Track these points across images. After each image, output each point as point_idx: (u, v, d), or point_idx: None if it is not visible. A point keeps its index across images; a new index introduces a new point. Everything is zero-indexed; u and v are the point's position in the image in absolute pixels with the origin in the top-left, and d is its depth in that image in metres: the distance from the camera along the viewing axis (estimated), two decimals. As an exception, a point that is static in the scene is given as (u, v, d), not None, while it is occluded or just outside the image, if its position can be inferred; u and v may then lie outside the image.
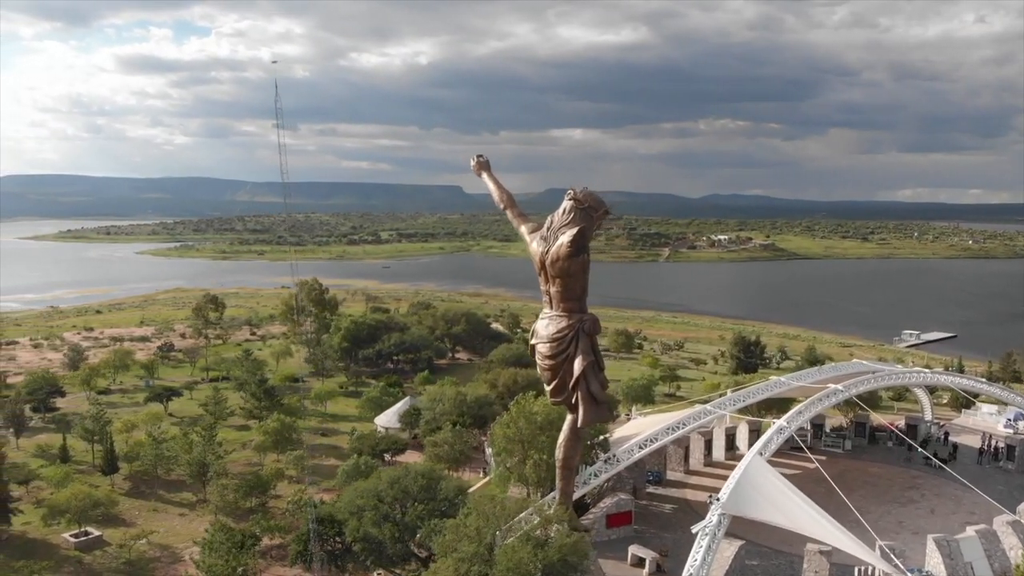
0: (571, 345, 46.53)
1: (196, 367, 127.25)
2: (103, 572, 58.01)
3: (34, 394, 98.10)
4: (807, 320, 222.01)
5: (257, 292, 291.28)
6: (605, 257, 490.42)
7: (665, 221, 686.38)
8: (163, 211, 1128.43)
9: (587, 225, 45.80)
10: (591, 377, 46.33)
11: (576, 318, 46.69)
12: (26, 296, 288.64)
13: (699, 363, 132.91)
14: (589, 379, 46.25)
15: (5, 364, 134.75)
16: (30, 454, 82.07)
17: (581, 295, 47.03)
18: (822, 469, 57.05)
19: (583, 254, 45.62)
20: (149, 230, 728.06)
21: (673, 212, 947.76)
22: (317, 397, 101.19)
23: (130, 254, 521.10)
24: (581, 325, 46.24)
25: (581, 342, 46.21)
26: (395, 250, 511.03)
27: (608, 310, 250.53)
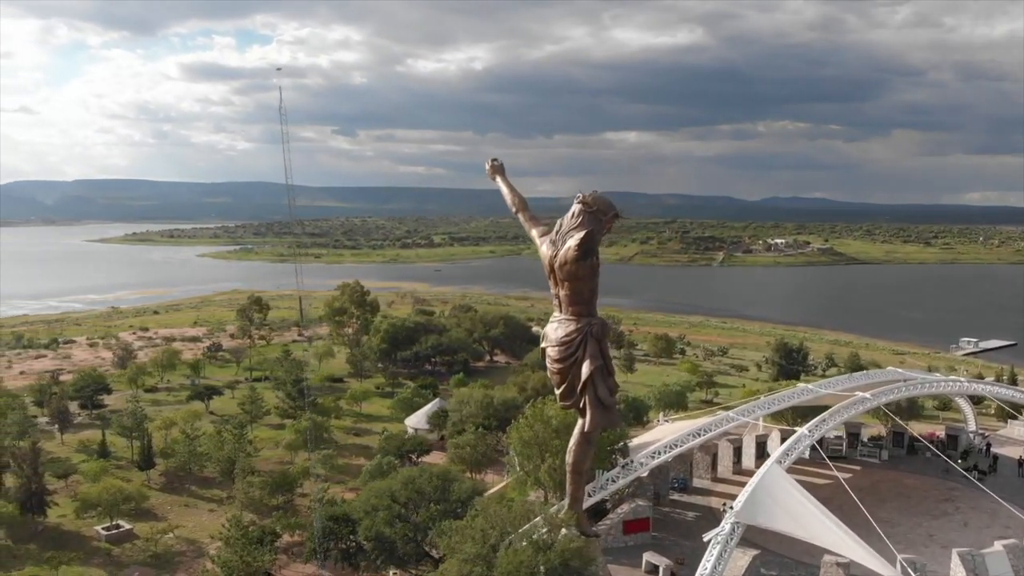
0: (579, 349, 46.22)
1: (241, 367, 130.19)
2: (130, 564, 59.74)
3: (81, 391, 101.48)
4: (862, 326, 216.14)
5: (310, 294, 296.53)
6: (657, 261, 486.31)
7: (721, 224, 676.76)
8: (225, 215, 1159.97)
9: (595, 229, 45.37)
10: (599, 381, 45.96)
11: (585, 322, 46.38)
12: (89, 297, 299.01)
13: (741, 369, 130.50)
14: (597, 383, 45.89)
15: (60, 362, 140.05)
16: (73, 449, 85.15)
17: (590, 299, 46.74)
18: (842, 480, 55.56)
19: (591, 258, 45.29)
20: (211, 233, 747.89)
21: (730, 215, 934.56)
22: (352, 397, 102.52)
23: (191, 257, 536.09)
24: (589, 329, 45.92)
25: (589, 346, 45.87)
26: (447, 253, 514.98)
27: (655, 314, 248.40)
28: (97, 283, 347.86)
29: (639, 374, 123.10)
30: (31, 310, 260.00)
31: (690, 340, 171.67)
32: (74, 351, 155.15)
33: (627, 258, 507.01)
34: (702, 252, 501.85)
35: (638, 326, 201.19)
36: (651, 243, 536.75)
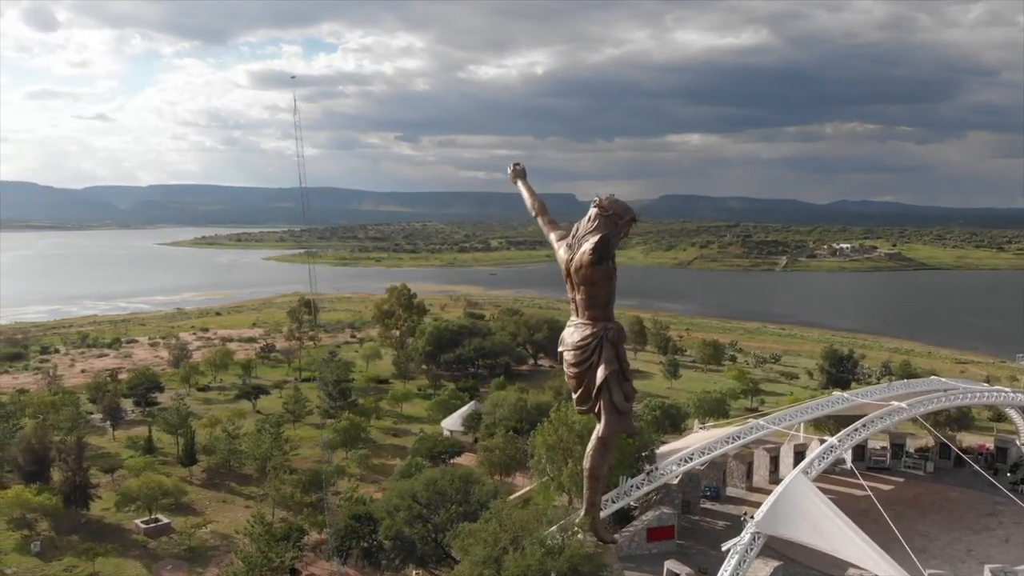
0: (595, 353, 45.89)
1: (291, 367, 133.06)
2: (165, 557, 61.62)
3: (135, 389, 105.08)
4: (925, 334, 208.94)
5: (368, 297, 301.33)
6: (717, 265, 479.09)
7: (785, 228, 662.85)
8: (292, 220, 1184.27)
9: (610, 232, 45.01)
10: (614, 386, 45.30)
11: (600, 326, 45.89)
12: (156, 298, 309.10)
13: (791, 377, 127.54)
14: (612, 388, 45.21)
15: (121, 361, 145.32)
16: (123, 445, 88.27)
17: (606, 303, 46.28)
18: (870, 492, 53.75)
19: (607, 262, 44.99)
20: (277, 237, 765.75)
21: (796, 219, 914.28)
22: (394, 398, 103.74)
23: (257, 260, 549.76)
24: (605, 333, 45.51)
25: (605, 350, 45.29)
26: (503, 257, 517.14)
27: (710, 320, 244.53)
28: (165, 285, 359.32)
29: (684, 380, 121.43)
30: (100, 311, 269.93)
31: (742, 347, 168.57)
32: (135, 350, 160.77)
33: (686, 263, 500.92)
34: (764, 257, 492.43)
35: (690, 332, 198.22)
36: (711, 247, 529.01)
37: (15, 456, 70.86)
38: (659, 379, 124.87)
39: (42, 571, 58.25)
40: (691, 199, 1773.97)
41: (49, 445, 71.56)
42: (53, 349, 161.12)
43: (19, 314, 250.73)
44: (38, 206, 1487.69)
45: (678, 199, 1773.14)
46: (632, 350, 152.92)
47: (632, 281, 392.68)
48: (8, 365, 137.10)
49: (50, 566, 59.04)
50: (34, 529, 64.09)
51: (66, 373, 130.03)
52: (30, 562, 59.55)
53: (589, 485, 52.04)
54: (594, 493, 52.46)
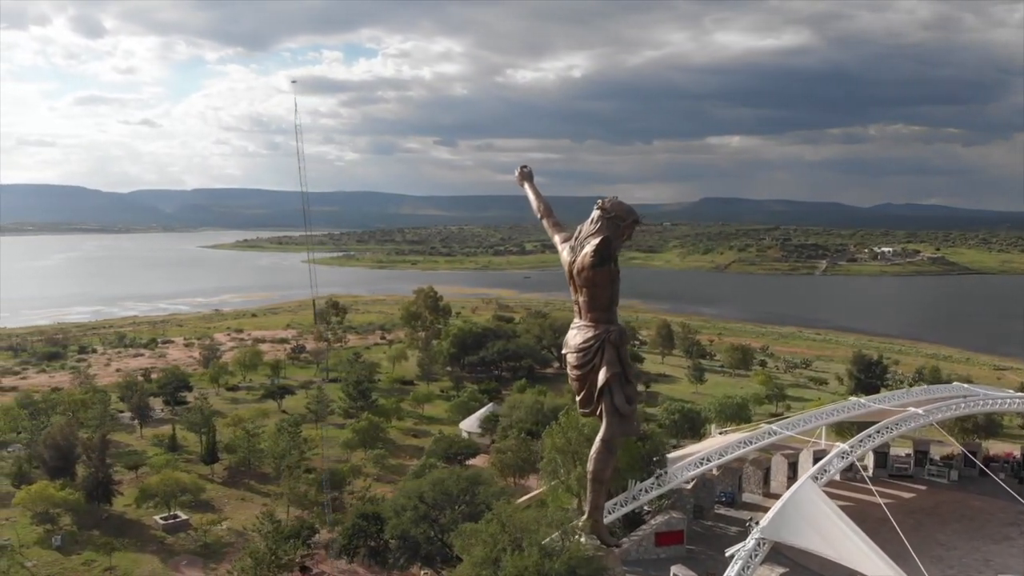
0: (596, 356, 45.83)
1: (319, 368, 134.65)
2: (181, 552, 62.82)
3: (164, 388, 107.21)
4: (965, 340, 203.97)
5: (402, 299, 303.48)
6: (755, 269, 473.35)
7: (826, 232, 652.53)
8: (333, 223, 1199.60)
9: (612, 234, 44.94)
10: (615, 389, 45.14)
11: (603, 328, 45.80)
12: (195, 300, 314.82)
13: (820, 383, 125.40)
14: (613, 391, 45.18)
15: (155, 361, 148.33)
16: (149, 443, 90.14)
17: (609, 305, 46.14)
18: (881, 501, 52.63)
19: (608, 264, 44.87)
20: (317, 240, 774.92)
21: (840, 222, 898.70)
22: (415, 399, 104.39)
23: (297, 262, 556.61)
24: (607, 336, 45.44)
25: (607, 353, 45.15)
26: (538, 261, 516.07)
27: (744, 324, 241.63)
28: (204, 287, 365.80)
29: (710, 385, 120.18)
30: (141, 311, 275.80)
31: (773, 351, 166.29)
32: (170, 351, 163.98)
33: (723, 266, 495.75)
34: (804, 260, 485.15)
35: (722, 336, 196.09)
36: (749, 251, 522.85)
37: (41, 452, 72.71)
38: (685, 383, 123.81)
39: (61, 565, 59.71)
40: (732, 202, 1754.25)
41: (75, 442, 73.33)
42: (91, 349, 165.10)
43: (63, 315, 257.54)
44: (86, 209, 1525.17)
45: (718, 202, 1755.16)
46: (660, 354, 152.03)
47: (667, 285, 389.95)
48: (46, 364, 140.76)
49: (69, 560, 60.50)
50: (57, 523, 65.74)
51: (101, 372, 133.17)
52: (50, 556, 61.08)
53: (592, 488, 51.88)
54: (597, 496, 52.29)
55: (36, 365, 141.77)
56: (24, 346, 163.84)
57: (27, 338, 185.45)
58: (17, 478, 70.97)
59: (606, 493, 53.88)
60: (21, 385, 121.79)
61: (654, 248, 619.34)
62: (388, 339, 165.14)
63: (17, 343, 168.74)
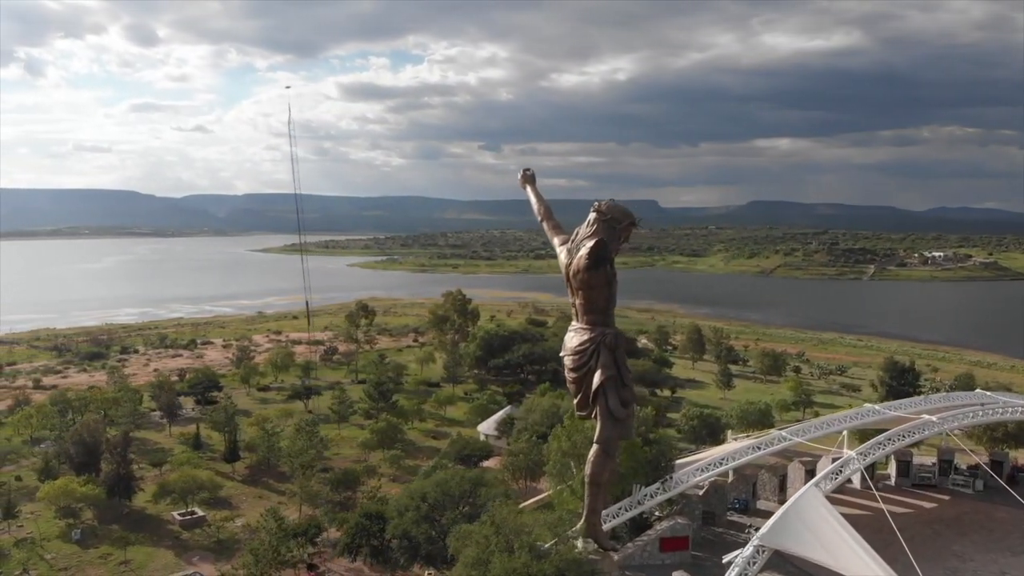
0: (592, 359, 45.71)
1: (348, 369, 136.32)
2: (194, 547, 64.15)
3: (194, 388, 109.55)
4: (1011, 347, 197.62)
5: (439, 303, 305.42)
6: (801, 274, 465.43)
7: (876, 236, 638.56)
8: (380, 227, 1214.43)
9: (608, 237, 44.84)
10: (610, 392, 45.10)
11: (599, 331, 45.79)
12: (240, 302, 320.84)
13: (853, 390, 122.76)
14: (608, 394, 45.13)
15: (193, 361, 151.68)
16: (177, 441, 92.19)
17: (605, 308, 46.04)
18: (887, 511, 51.17)
19: (604, 266, 44.70)
20: (362, 244, 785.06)
21: (892, 226, 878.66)
22: (438, 401, 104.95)
23: (342, 266, 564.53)
24: (603, 339, 45.31)
25: (602, 356, 45.14)
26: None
27: (784, 330, 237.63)
28: (250, 290, 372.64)
29: (738, 391, 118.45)
30: (186, 313, 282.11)
31: (809, 358, 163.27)
32: (208, 351, 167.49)
33: (768, 271, 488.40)
34: (851, 265, 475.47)
35: (759, 342, 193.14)
36: (795, 255, 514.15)
37: (68, 449, 74.89)
38: (713, 389, 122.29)
39: (78, 558, 61.41)
40: (780, 205, 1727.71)
41: (100, 439, 75.33)
42: (133, 349, 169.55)
43: (111, 316, 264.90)
44: (140, 214, 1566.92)
45: (766, 205, 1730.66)
46: (690, 359, 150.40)
47: (710, 289, 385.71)
48: (87, 364, 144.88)
49: (87, 553, 62.21)
50: (79, 518, 67.63)
51: (139, 372, 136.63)
52: (70, 549, 62.89)
53: (590, 491, 51.75)
54: (594, 499, 52.18)
55: (78, 365, 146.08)
56: (69, 346, 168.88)
57: (73, 338, 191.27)
58: (44, 473, 73.15)
59: (604, 496, 53.54)
60: (61, 384, 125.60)
61: (698, 252, 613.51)
62: (420, 341, 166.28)
63: (62, 343, 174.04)
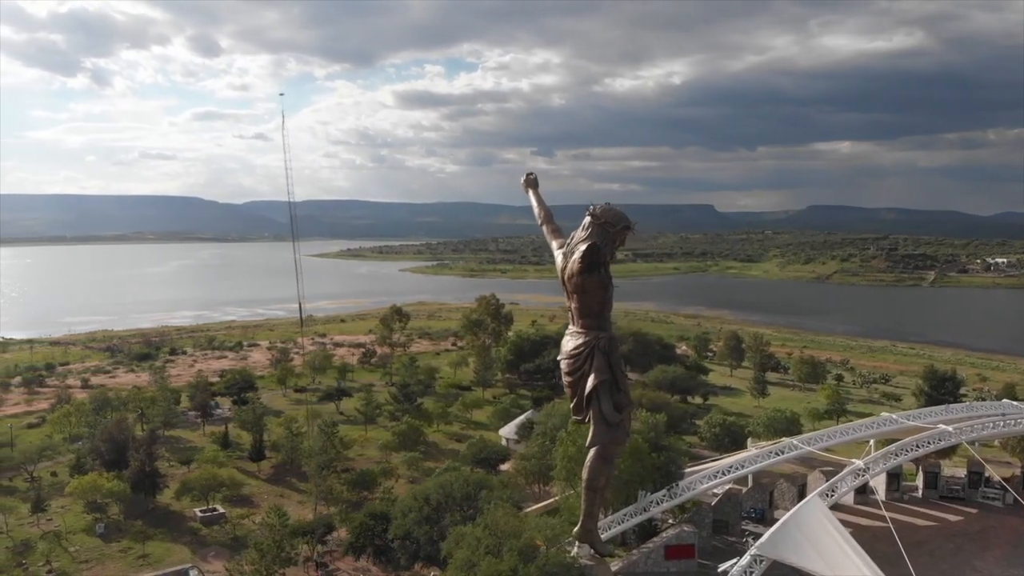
0: (586, 362, 45.53)
1: (383, 372, 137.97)
2: (211, 543, 65.74)
3: (230, 388, 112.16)
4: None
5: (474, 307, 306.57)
6: (859, 280, 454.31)
7: (938, 241, 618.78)
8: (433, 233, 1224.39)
9: (601, 241, 44.66)
10: (603, 396, 44.77)
11: (593, 335, 45.43)
12: (292, 305, 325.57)
13: (893, 398, 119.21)
14: (601, 398, 44.90)
15: (237, 363, 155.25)
16: (210, 440, 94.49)
17: (600, 312, 45.68)
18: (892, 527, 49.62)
19: (597, 270, 44.53)
20: (415, 249, 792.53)
21: (956, 231, 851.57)
22: (464, 405, 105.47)
23: (394, 271, 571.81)
24: (597, 343, 45.12)
25: (596, 359, 44.82)
26: (627, 270, 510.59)
27: (834, 337, 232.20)
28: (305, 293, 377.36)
29: (774, 399, 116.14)
30: (239, 316, 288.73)
31: (854, 365, 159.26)
32: (253, 353, 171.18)
33: (824, 277, 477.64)
34: (910, 271, 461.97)
35: (807, 349, 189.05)
36: (853, 260, 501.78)
37: (99, 446, 77.48)
38: (748, 397, 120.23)
39: (100, 551, 63.49)
40: (841, 210, 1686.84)
41: (129, 437, 77.77)
42: (181, 351, 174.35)
43: (167, 318, 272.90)
44: (203, 220, 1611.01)
45: (826, 210, 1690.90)
46: (728, 367, 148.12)
47: (761, 295, 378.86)
48: (135, 364, 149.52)
49: (109, 547, 64.27)
50: (105, 512, 69.98)
51: (184, 373, 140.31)
52: (93, 542, 65.07)
53: (586, 496, 51.18)
54: (590, 504, 51.61)
55: (127, 365, 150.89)
56: (121, 347, 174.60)
57: (127, 340, 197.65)
58: (75, 469, 75.86)
59: (601, 501, 53.26)
60: (109, 383, 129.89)
61: (753, 257, 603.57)
62: (459, 345, 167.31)
63: (115, 344, 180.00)
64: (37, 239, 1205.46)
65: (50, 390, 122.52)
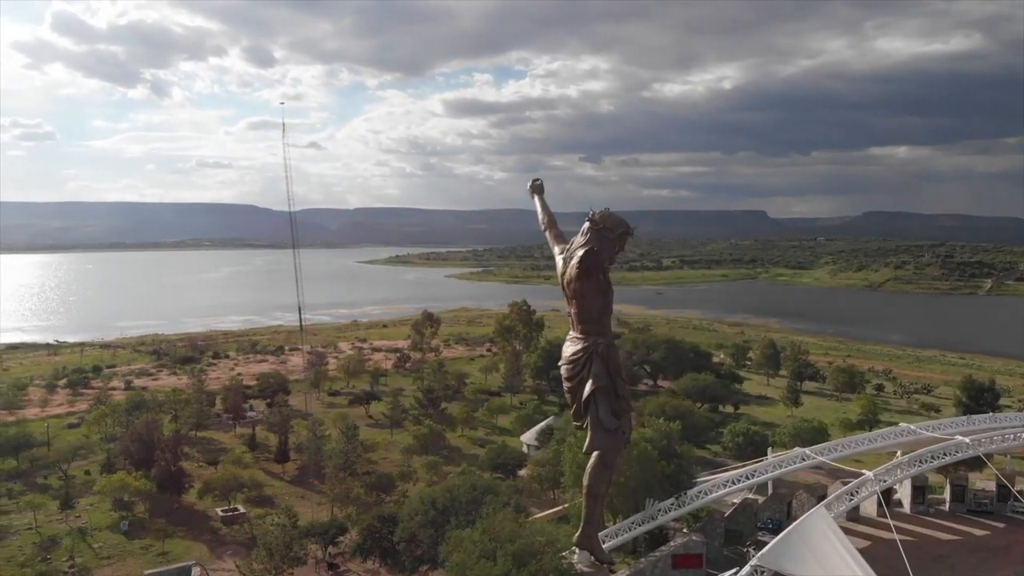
0: (585, 368, 45.55)
1: (415, 377, 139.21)
2: (230, 542, 67.15)
3: (263, 391, 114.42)
4: None
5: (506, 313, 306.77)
6: (912, 288, 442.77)
7: (997, 248, 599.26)
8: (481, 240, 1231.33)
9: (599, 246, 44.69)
10: (601, 402, 44.77)
11: (591, 341, 45.45)
12: (339, 311, 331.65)
13: (934, 409, 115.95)
14: (599, 404, 44.86)
15: (276, 366, 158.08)
16: (241, 441, 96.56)
17: (599, 317, 45.63)
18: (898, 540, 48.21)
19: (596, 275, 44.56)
20: (461, 256, 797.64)
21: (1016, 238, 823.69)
22: (489, 410, 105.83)
23: (440, 277, 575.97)
24: (595, 348, 45.09)
25: (594, 365, 44.95)
26: (674, 276, 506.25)
27: (881, 347, 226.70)
28: (352, 299, 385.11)
29: (806, 409, 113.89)
30: (286, 321, 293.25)
31: (897, 375, 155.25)
32: (293, 357, 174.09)
33: (877, 284, 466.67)
34: (966, 279, 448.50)
35: (851, 358, 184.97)
36: (906, 268, 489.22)
37: (128, 446, 79.80)
38: (781, 406, 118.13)
39: (123, 548, 65.31)
40: (898, 216, 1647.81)
41: (157, 437, 79.92)
42: (224, 354, 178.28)
43: (216, 323, 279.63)
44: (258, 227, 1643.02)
45: (883, 216, 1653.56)
46: (765, 375, 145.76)
47: (810, 303, 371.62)
48: (178, 367, 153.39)
49: (131, 544, 66.09)
50: (131, 510, 72.03)
51: (224, 376, 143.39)
52: (117, 539, 66.96)
53: (587, 503, 50.94)
54: (591, 511, 51.33)
55: (170, 368, 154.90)
56: (166, 351, 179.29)
57: (174, 343, 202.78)
58: (106, 468, 78.24)
59: (602, 508, 53.06)
60: (151, 386, 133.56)
61: (804, 264, 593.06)
62: (492, 351, 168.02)
63: (161, 347, 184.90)
64: (97, 245, 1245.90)
65: (94, 392, 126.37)
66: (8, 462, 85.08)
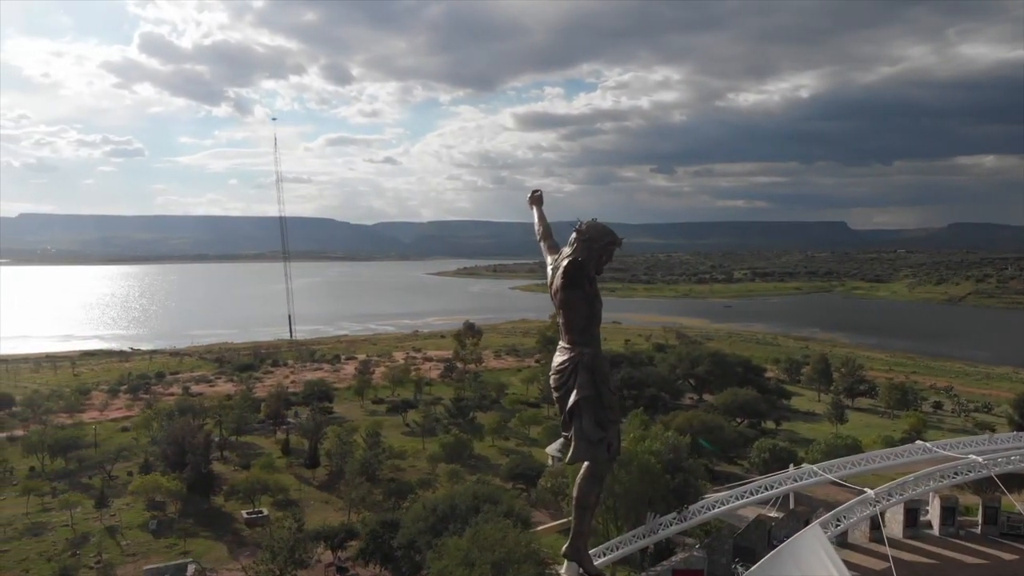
0: (570, 378, 45.73)
1: (456, 386, 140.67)
2: (250, 544, 69.23)
3: (307, 399, 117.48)
4: None
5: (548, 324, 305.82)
6: (994, 302, 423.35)
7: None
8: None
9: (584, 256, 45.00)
10: (585, 413, 44.85)
11: (578, 351, 45.68)
12: (403, 321, 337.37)
13: (989, 428, 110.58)
14: (583, 415, 44.95)
15: (329, 375, 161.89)
16: (279, 447, 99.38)
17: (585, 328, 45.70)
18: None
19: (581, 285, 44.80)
20: (528, 268, 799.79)
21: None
22: (520, 420, 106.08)
23: (505, 289, 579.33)
24: (581, 358, 45.30)
25: (579, 375, 45.10)
26: (744, 289, 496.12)
27: (952, 363, 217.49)
28: (417, 309, 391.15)
29: (853, 426, 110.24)
30: (351, 331, 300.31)
31: (958, 392, 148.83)
32: (348, 366, 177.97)
33: (957, 298, 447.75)
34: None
35: (915, 374, 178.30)
36: (989, 281, 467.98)
37: (164, 448, 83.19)
38: (827, 423, 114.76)
39: (148, 546, 68.10)
40: (986, 227, 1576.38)
41: (191, 440, 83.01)
42: (284, 362, 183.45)
43: (285, 332, 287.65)
44: (335, 240, 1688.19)
45: (970, 227, 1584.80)
46: (815, 391, 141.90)
47: (884, 318, 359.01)
48: (237, 375, 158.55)
49: (157, 542, 68.86)
50: (163, 511, 75.07)
51: (272, 382, 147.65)
52: (144, 537, 69.86)
53: (576, 514, 50.95)
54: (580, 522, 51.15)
55: (228, 375, 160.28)
56: (228, 358, 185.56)
57: (239, 351, 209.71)
58: (143, 469, 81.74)
59: (591, 520, 52.65)
60: (208, 392, 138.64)
61: (882, 277, 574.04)
62: (539, 362, 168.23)
63: (223, 355, 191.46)
64: (182, 257, 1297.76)
65: (151, 397, 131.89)
66: (57, 462, 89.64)
